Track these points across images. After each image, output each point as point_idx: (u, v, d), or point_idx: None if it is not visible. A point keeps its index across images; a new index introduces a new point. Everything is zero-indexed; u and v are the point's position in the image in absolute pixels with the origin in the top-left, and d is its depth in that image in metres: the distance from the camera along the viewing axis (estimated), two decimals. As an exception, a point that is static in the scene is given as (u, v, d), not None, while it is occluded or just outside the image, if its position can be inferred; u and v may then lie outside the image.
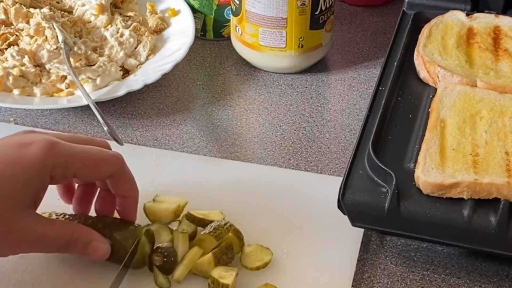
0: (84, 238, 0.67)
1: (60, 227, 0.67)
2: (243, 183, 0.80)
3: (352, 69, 0.99)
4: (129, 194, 0.71)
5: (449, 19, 0.89)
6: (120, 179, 0.70)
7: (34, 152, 0.64)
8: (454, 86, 0.80)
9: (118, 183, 0.70)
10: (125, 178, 0.70)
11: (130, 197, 0.71)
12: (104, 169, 0.69)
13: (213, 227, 0.71)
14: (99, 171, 0.69)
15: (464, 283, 0.72)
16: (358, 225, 0.72)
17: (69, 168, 0.66)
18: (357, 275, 0.72)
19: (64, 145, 0.66)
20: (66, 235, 0.67)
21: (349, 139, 0.88)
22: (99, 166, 0.68)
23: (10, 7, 0.95)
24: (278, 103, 0.93)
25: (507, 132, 0.74)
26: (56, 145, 0.65)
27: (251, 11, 0.93)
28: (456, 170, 0.70)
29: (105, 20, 0.97)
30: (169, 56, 0.94)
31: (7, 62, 0.91)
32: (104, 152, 0.69)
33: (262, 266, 0.71)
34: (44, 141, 0.65)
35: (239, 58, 0.99)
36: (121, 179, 0.70)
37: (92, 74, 0.91)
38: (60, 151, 0.66)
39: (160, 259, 0.69)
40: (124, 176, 0.70)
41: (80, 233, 0.67)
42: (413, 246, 0.75)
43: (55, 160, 0.65)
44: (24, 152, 0.64)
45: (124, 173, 0.70)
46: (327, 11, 0.94)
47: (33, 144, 0.65)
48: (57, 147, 0.65)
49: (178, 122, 0.90)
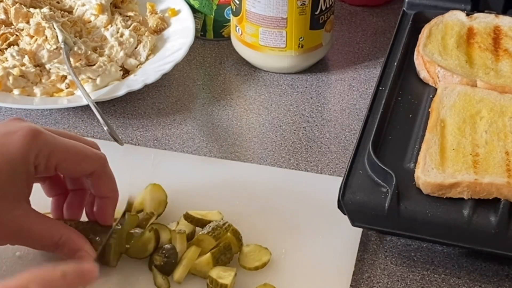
0: (72, 245, 0.67)
1: (50, 227, 0.67)
2: (242, 183, 0.80)
3: (352, 69, 0.99)
4: (109, 194, 0.71)
5: (449, 19, 0.89)
6: (101, 178, 0.70)
7: (18, 141, 0.64)
8: (454, 86, 0.80)
9: (99, 182, 0.70)
10: (106, 178, 0.70)
11: (110, 198, 0.71)
12: (86, 165, 0.68)
13: (212, 227, 0.71)
14: (81, 166, 0.68)
15: (464, 283, 0.72)
16: (358, 225, 0.72)
17: (51, 159, 0.66)
18: (357, 275, 0.72)
19: (48, 135, 0.66)
20: (54, 237, 0.67)
21: (349, 139, 0.88)
22: (81, 161, 0.68)
23: (10, 7, 0.95)
24: (278, 103, 0.93)
25: (507, 132, 0.74)
26: (40, 134, 0.65)
27: (251, 11, 0.93)
28: (456, 170, 0.70)
29: (105, 20, 0.97)
30: (169, 56, 0.94)
31: (7, 62, 0.91)
32: (87, 149, 0.69)
33: (261, 266, 0.71)
34: (28, 129, 0.65)
35: (239, 58, 0.99)
36: (102, 179, 0.70)
37: (92, 74, 0.91)
38: (44, 140, 0.66)
39: (160, 259, 0.69)
40: (106, 176, 0.70)
41: (69, 238, 0.67)
42: (413, 246, 0.75)
43: (38, 149, 0.65)
44: (8, 141, 0.64)
45: (105, 173, 0.70)
46: (327, 11, 0.94)
47: (17, 132, 0.65)
48: (40, 136, 0.65)
49: (178, 122, 0.90)
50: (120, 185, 0.71)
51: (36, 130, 0.65)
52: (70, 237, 0.67)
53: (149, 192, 0.75)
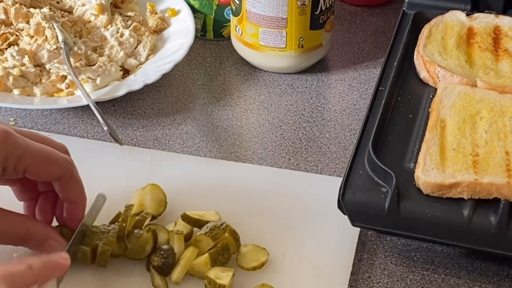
0: (39, 237, 0.68)
1: (15, 221, 0.68)
2: (240, 184, 0.80)
3: (352, 69, 0.99)
4: (77, 199, 0.71)
5: (449, 19, 0.89)
6: (69, 183, 0.70)
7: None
8: (454, 86, 0.80)
9: (67, 187, 0.70)
10: (74, 182, 0.70)
11: (78, 203, 0.71)
12: (54, 169, 0.69)
13: (209, 227, 0.71)
14: (49, 170, 0.69)
15: (464, 283, 0.71)
16: (358, 225, 0.72)
17: (20, 162, 0.66)
18: (356, 275, 0.72)
19: (18, 138, 0.66)
20: (21, 231, 0.67)
21: (349, 139, 0.87)
22: (49, 165, 0.68)
23: (10, 7, 0.95)
24: (278, 103, 0.93)
25: (507, 132, 0.74)
26: (10, 136, 0.66)
27: (251, 11, 0.93)
28: (456, 170, 0.70)
29: (105, 20, 0.97)
30: (169, 56, 0.94)
31: (7, 62, 0.91)
32: (56, 153, 0.69)
33: (259, 267, 0.71)
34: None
35: (239, 58, 0.99)
36: (70, 183, 0.70)
37: (92, 74, 0.91)
38: (14, 143, 0.66)
39: (158, 259, 0.69)
40: (73, 181, 0.70)
41: (36, 230, 0.68)
42: (413, 246, 0.75)
43: (7, 151, 0.65)
44: None
45: (73, 178, 0.70)
46: (327, 11, 0.94)
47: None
48: (11, 138, 0.66)
49: (178, 122, 0.90)
50: (118, 186, 0.71)
51: (6, 132, 0.65)
52: (37, 228, 0.68)
53: (149, 192, 0.75)
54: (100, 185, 0.75)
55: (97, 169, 0.81)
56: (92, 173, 0.79)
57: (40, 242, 0.68)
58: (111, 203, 0.75)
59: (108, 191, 0.74)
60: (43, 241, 0.68)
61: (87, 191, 0.72)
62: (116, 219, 0.72)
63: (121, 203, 0.74)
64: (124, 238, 0.70)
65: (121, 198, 0.75)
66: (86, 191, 0.72)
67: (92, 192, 0.74)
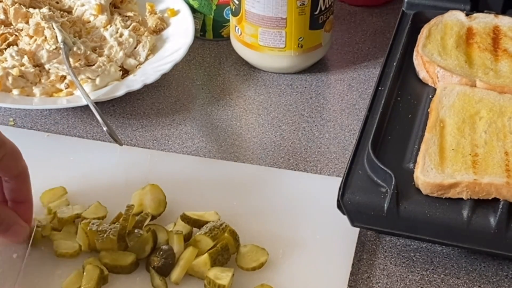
0: (8, 220, 0.69)
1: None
2: (240, 184, 0.80)
3: (352, 69, 0.99)
4: (28, 198, 0.72)
5: (448, 19, 0.89)
6: (25, 181, 0.71)
7: None
8: (454, 86, 0.80)
9: (23, 186, 0.71)
10: (28, 182, 0.71)
11: (29, 203, 0.72)
12: (20, 165, 0.70)
13: (209, 227, 0.71)
14: (18, 164, 0.69)
15: (464, 283, 0.71)
16: (357, 225, 0.72)
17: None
18: (356, 275, 0.72)
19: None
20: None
21: (348, 139, 0.87)
22: (19, 159, 0.69)
23: (9, 7, 0.95)
24: (277, 103, 0.93)
25: (507, 132, 0.74)
26: None
27: (250, 11, 0.93)
28: (455, 170, 0.70)
29: (105, 20, 0.97)
30: (169, 56, 0.94)
31: (6, 62, 0.91)
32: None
33: (258, 267, 0.71)
34: None
35: (238, 58, 0.99)
36: (25, 182, 0.71)
37: (91, 74, 0.91)
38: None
39: (158, 260, 0.69)
40: (28, 180, 0.71)
41: (5, 215, 0.69)
42: (412, 246, 0.75)
43: None
44: None
45: (28, 177, 0.71)
46: (326, 11, 0.94)
47: None
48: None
49: (177, 122, 0.90)
50: (118, 186, 0.71)
51: None
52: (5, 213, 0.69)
53: (149, 192, 0.75)
54: (100, 185, 0.75)
55: (97, 169, 0.81)
56: (92, 173, 0.79)
57: (7, 227, 0.69)
58: (111, 203, 0.75)
59: (107, 191, 0.74)
60: (11, 225, 0.69)
61: (87, 191, 0.72)
62: (117, 220, 0.72)
63: (121, 203, 0.74)
64: (125, 237, 0.70)
65: (121, 198, 0.75)
66: (86, 191, 0.72)
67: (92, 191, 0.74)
